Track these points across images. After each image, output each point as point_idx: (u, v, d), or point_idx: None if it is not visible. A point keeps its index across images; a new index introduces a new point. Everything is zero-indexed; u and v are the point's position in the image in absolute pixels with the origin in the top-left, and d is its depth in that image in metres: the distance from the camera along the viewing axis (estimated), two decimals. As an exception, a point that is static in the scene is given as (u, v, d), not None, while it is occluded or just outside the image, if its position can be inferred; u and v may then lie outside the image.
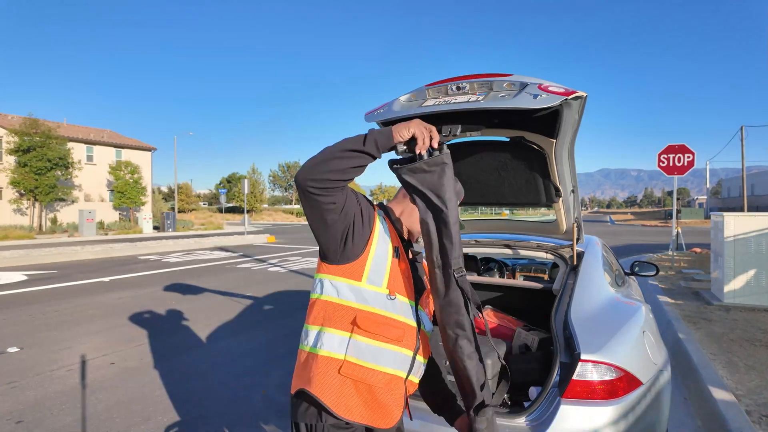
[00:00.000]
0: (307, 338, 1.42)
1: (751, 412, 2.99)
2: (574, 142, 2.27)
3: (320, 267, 1.44)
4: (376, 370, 1.35)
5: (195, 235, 25.02)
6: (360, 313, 1.36)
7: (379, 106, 2.28)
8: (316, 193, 1.24)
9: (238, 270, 11.10)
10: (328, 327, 1.37)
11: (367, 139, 1.24)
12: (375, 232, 1.41)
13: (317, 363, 1.35)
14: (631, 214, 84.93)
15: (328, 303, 1.39)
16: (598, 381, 1.83)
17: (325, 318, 1.38)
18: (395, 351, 1.39)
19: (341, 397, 1.33)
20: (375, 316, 1.37)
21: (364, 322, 1.35)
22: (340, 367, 1.33)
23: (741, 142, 30.15)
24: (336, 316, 1.37)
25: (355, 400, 1.34)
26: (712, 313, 5.88)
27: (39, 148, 23.26)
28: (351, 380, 1.34)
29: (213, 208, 63.66)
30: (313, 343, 1.39)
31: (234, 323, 5.93)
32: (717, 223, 6.88)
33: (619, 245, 17.85)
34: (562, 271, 2.80)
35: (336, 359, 1.34)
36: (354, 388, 1.34)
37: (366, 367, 1.34)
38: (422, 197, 1.34)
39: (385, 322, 1.38)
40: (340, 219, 1.33)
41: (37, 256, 12.90)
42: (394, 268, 1.43)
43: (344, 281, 1.38)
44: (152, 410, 3.40)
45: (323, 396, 1.31)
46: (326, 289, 1.40)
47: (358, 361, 1.34)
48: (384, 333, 1.36)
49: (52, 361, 4.44)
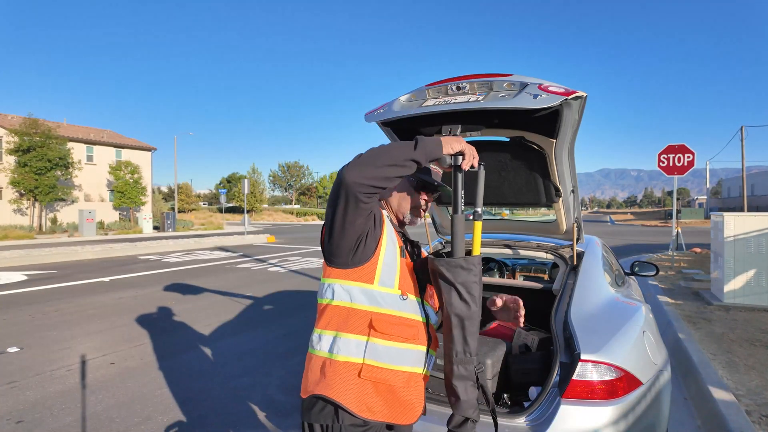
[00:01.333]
0: (320, 343, 1.40)
1: (751, 412, 2.99)
2: (574, 142, 2.27)
3: (328, 272, 1.42)
4: (395, 370, 1.36)
5: (195, 235, 25.02)
6: (375, 316, 1.36)
7: (379, 106, 2.28)
8: (363, 199, 1.24)
9: (238, 270, 11.10)
10: (344, 332, 1.36)
11: (417, 147, 1.24)
12: (384, 233, 1.41)
13: (335, 368, 1.34)
14: (631, 214, 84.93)
15: (342, 308, 1.38)
16: (598, 381, 1.83)
17: (340, 323, 1.37)
18: (412, 349, 1.40)
19: (363, 400, 1.33)
20: (390, 317, 1.37)
21: (380, 324, 1.35)
22: (359, 371, 1.34)
23: (741, 142, 30.15)
24: (351, 320, 1.36)
25: (377, 400, 1.35)
26: (712, 313, 5.88)
27: (39, 148, 23.25)
28: (371, 382, 1.34)
29: (213, 208, 63.67)
30: (328, 349, 1.37)
31: (234, 323, 5.93)
32: (717, 223, 6.88)
33: (619, 245, 17.85)
34: (562, 271, 2.80)
35: (355, 363, 1.34)
36: (374, 390, 1.35)
37: (385, 369, 1.35)
38: (453, 291, 1.35)
39: (400, 322, 1.39)
40: (366, 222, 1.33)
41: (37, 256, 12.90)
42: (403, 268, 1.44)
43: (356, 285, 1.37)
44: (152, 410, 3.40)
45: (345, 401, 1.31)
46: (338, 294, 1.38)
47: (377, 364, 1.34)
48: (400, 333, 1.37)
49: (52, 361, 4.44)
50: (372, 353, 1.34)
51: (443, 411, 1.96)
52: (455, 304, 1.34)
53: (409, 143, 1.25)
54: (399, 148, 1.24)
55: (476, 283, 1.35)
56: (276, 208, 61.56)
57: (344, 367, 1.34)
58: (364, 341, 1.35)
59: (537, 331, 2.61)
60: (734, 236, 6.40)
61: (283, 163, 79.13)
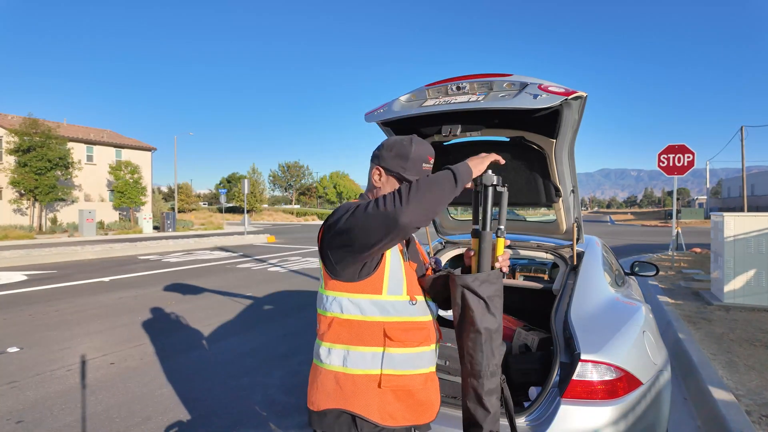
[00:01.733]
0: (329, 357, 1.38)
1: (751, 412, 2.99)
2: (574, 142, 2.27)
3: (332, 285, 1.39)
4: (413, 375, 1.37)
5: (195, 235, 25.02)
6: (387, 326, 1.36)
7: (379, 106, 2.28)
8: (413, 232, 1.28)
9: (238, 270, 11.10)
10: (357, 345, 1.36)
11: (458, 181, 1.28)
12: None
13: (353, 381, 1.34)
14: (631, 214, 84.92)
15: (352, 322, 1.37)
16: (598, 381, 1.83)
17: (352, 336, 1.36)
18: (426, 351, 1.42)
19: (385, 410, 1.34)
20: (402, 324, 1.38)
21: (394, 332, 1.36)
22: (378, 382, 1.34)
23: (741, 142, 30.15)
24: (364, 333, 1.36)
25: (398, 407, 1.36)
26: (712, 313, 5.88)
27: (39, 148, 23.24)
28: (391, 390, 1.35)
29: (213, 208, 63.66)
30: (340, 363, 1.36)
31: (234, 323, 5.93)
32: (717, 223, 6.88)
33: (619, 245, 17.85)
34: (562, 271, 2.80)
35: (373, 375, 1.34)
36: (395, 397, 1.35)
37: (404, 375, 1.36)
38: (483, 305, 1.36)
39: (412, 327, 1.39)
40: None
41: (37, 256, 12.90)
42: (408, 272, 1.44)
43: (365, 297, 1.36)
44: (152, 410, 3.40)
45: (368, 413, 1.32)
46: (346, 308, 1.37)
47: (395, 372, 1.35)
48: (413, 338, 1.38)
49: (52, 361, 4.44)
50: (389, 363, 1.35)
51: (449, 412, 1.96)
52: (485, 319, 1.34)
53: (448, 177, 1.27)
54: (445, 185, 1.26)
55: (500, 297, 1.37)
56: (276, 208, 61.56)
57: (363, 380, 1.34)
58: (380, 352, 1.35)
59: (537, 331, 2.61)
60: (734, 236, 6.39)
61: (283, 163, 79.13)
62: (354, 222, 1.26)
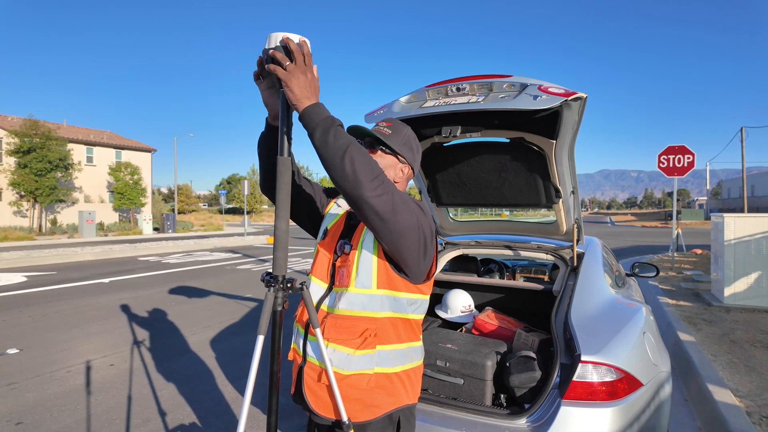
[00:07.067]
0: (394, 360, 1.34)
1: (752, 414, 2.99)
2: (574, 143, 2.28)
3: (402, 285, 1.34)
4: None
5: (195, 236, 25.01)
6: (416, 322, 1.44)
7: (379, 107, 2.28)
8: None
9: (238, 271, 11.10)
10: (415, 341, 1.43)
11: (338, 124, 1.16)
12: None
13: (400, 378, 1.36)
14: (631, 215, 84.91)
15: (416, 321, 1.43)
16: (599, 382, 1.83)
17: (410, 334, 1.42)
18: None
19: (417, 392, 1.46)
20: (421, 318, 1.48)
21: (419, 326, 1.46)
22: (418, 372, 1.46)
23: (741, 143, 30.17)
24: (418, 329, 1.45)
25: (421, 386, 1.51)
26: (713, 315, 5.87)
27: (39, 149, 23.25)
28: (418, 376, 1.47)
29: (213, 209, 63.65)
30: (404, 361, 1.38)
31: (234, 324, 5.92)
32: (717, 224, 6.88)
33: (619, 246, 17.85)
34: (563, 273, 2.80)
35: (421, 365, 1.48)
36: (420, 380, 1.49)
37: (422, 361, 1.51)
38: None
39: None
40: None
41: (37, 257, 12.89)
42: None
43: (424, 297, 1.43)
44: (152, 411, 3.40)
45: (413, 400, 1.41)
46: (420, 308, 1.42)
47: (420, 362, 1.48)
48: (421, 329, 1.51)
49: (52, 363, 4.44)
50: (419, 354, 1.46)
51: (443, 412, 1.97)
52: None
53: (333, 120, 1.16)
54: (340, 131, 1.15)
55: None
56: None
57: (416, 372, 1.43)
58: (420, 345, 1.47)
59: (537, 333, 2.60)
60: (734, 237, 6.39)
61: (283, 164, 79.04)
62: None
